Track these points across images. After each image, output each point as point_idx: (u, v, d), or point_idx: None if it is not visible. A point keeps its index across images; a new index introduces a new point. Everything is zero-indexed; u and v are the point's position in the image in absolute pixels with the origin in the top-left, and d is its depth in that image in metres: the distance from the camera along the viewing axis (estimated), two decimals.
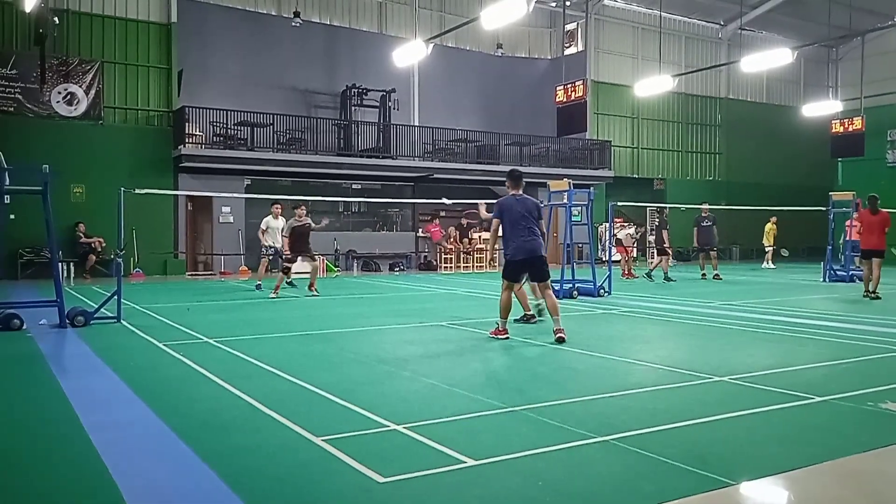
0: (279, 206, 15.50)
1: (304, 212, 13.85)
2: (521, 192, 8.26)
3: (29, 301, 10.09)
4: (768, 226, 23.61)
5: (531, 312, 9.24)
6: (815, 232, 24.41)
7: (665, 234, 17.99)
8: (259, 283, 14.87)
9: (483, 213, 10.17)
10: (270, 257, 15.39)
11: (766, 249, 23.93)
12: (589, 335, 8.44)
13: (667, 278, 17.32)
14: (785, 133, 31.33)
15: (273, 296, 13.17)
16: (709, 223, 18.67)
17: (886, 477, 3.81)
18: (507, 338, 7.99)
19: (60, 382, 5.86)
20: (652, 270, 18.07)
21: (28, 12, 16.11)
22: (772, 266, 23.44)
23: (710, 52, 30.83)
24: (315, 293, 13.62)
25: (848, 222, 18.23)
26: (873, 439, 4.23)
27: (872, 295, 12.86)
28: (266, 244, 15.30)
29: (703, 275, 18.44)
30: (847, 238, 18.51)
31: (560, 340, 7.63)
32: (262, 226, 15.31)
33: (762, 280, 18.51)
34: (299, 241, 13.65)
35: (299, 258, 13.97)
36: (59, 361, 7.12)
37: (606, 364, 6.78)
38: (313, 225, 13.94)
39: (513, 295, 8.35)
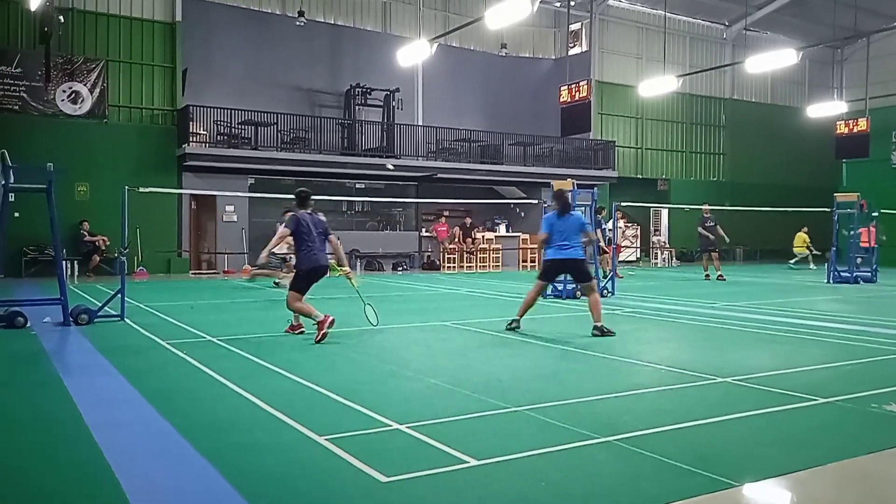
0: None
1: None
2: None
3: (33, 299, 10.12)
4: (799, 234, 23.54)
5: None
6: (819, 233, 24.34)
7: (720, 231, 18.48)
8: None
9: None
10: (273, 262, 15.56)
11: (801, 255, 23.81)
12: (591, 335, 8.43)
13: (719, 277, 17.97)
14: (789, 134, 31.26)
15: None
16: (711, 224, 18.67)
17: (890, 479, 3.80)
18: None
19: (64, 380, 5.87)
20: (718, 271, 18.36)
21: (33, 11, 16.12)
22: (813, 266, 23.14)
23: (714, 53, 30.77)
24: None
25: (863, 229, 18.18)
26: (877, 441, 4.22)
27: None
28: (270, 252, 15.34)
29: (707, 276, 18.44)
30: (861, 244, 18.45)
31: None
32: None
33: (766, 281, 18.48)
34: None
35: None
36: (62, 359, 7.13)
37: (609, 364, 6.77)
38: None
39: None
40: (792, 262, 23.21)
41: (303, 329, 8.46)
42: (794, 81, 32.88)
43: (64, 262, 10.32)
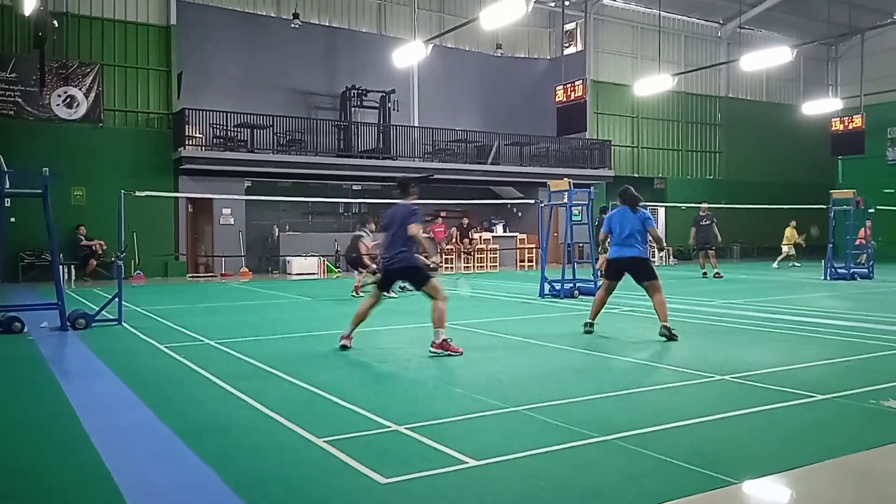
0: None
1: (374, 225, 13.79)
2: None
3: (30, 304, 10.08)
4: (788, 229, 23.07)
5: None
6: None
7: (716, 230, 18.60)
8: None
9: None
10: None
11: (787, 252, 23.25)
12: (589, 334, 8.43)
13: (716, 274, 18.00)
14: (785, 131, 31.31)
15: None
16: (707, 222, 18.69)
17: (889, 475, 3.80)
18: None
19: (62, 385, 5.85)
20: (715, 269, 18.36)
21: (28, 15, 16.11)
22: (796, 263, 22.68)
23: (709, 51, 30.82)
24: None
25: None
26: (876, 437, 4.23)
27: None
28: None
29: (704, 273, 18.45)
30: (858, 241, 18.47)
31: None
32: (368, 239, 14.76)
33: (763, 278, 18.49)
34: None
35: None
36: (60, 364, 7.12)
37: (608, 363, 6.77)
38: (362, 234, 13.96)
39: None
40: (774, 263, 22.82)
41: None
42: (790, 79, 32.95)
43: (61, 266, 10.29)
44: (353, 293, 13.58)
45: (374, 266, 13.44)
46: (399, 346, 8.06)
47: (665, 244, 16.25)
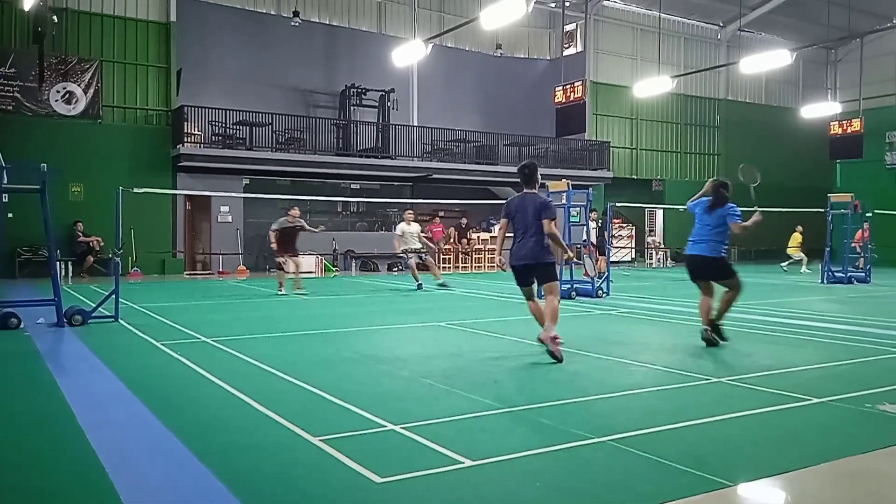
0: (412, 211, 16.38)
1: (298, 213, 14.18)
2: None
3: (27, 300, 10.07)
4: (794, 235, 22.87)
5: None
6: (813, 233, 24.39)
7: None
8: (419, 283, 15.23)
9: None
10: (411, 258, 15.72)
11: (795, 257, 23.07)
12: (587, 336, 8.44)
13: None
14: (784, 134, 31.34)
15: (282, 292, 13.63)
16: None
17: (885, 478, 3.80)
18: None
19: (58, 381, 5.85)
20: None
21: (27, 11, 16.07)
22: (807, 270, 22.14)
23: (708, 54, 30.84)
24: (304, 292, 13.79)
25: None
26: (871, 441, 4.23)
27: None
28: (405, 248, 15.60)
29: None
30: (854, 244, 18.46)
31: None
32: (398, 232, 15.75)
33: (760, 281, 18.50)
34: (287, 240, 13.93)
35: (286, 256, 14.08)
36: (56, 360, 7.11)
37: (604, 365, 6.78)
38: (305, 226, 14.17)
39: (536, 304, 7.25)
40: (784, 264, 22.85)
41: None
42: (789, 82, 32.99)
43: (58, 262, 10.27)
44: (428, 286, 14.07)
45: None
46: (396, 345, 8.06)
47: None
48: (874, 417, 4.80)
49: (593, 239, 15.76)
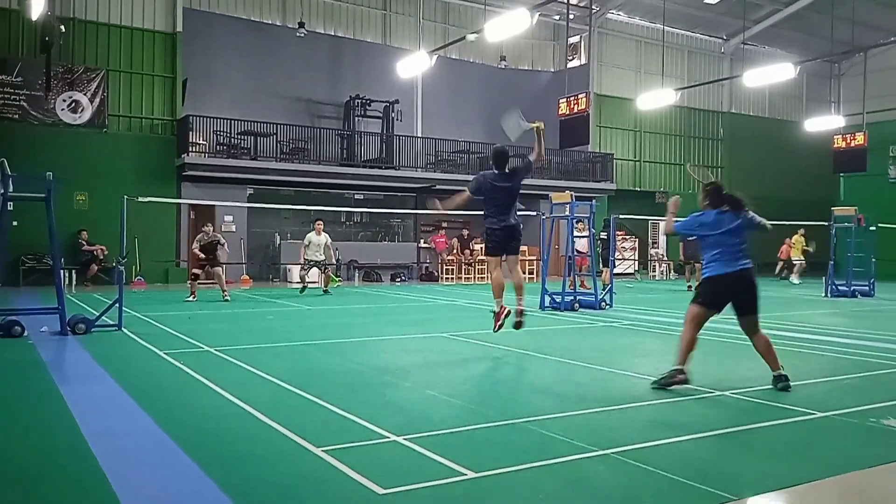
0: (321, 221, 16.96)
1: (211, 229, 15.02)
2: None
3: (30, 308, 10.10)
4: (796, 238, 22.66)
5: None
6: (818, 245, 24.33)
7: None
8: (304, 285, 16.37)
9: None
10: (304, 270, 16.66)
11: (794, 262, 23.01)
12: (590, 348, 8.43)
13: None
14: (787, 148, 31.34)
15: (191, 299, 14.21)
16: (694, 237, 18.60)
17: (890, 494, 3.79)
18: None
19: (61, 390, 5.85)
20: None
21: (34, 20, 16.18)
22: (797, 281, 22.32)
23: (712, 67, 30.90)
24: (228, 298, 14.49)
25: None
26: (876, 456, 4.21)
27: None
28: (306, 258, 16.49)
29: (689, 287, 18.38)
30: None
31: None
32: (305, 241, 16.56)
33: (763, 295, 18.44)
34: (209, 254, 14.72)
35: (207, 268, 14.87)
36: (59, 369, 7.11)
37: (607, 377, 6.76)
38: (222, 240, 14.97)
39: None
40: (794, 279, 22.59)
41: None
42: (792, 95, 33.01)
43: (62, 271, 10.29)
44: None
45: None
46: (399, 356, 8.05)
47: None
48: (879, 432, 4.78)
49: (580, 247, 15.77)
